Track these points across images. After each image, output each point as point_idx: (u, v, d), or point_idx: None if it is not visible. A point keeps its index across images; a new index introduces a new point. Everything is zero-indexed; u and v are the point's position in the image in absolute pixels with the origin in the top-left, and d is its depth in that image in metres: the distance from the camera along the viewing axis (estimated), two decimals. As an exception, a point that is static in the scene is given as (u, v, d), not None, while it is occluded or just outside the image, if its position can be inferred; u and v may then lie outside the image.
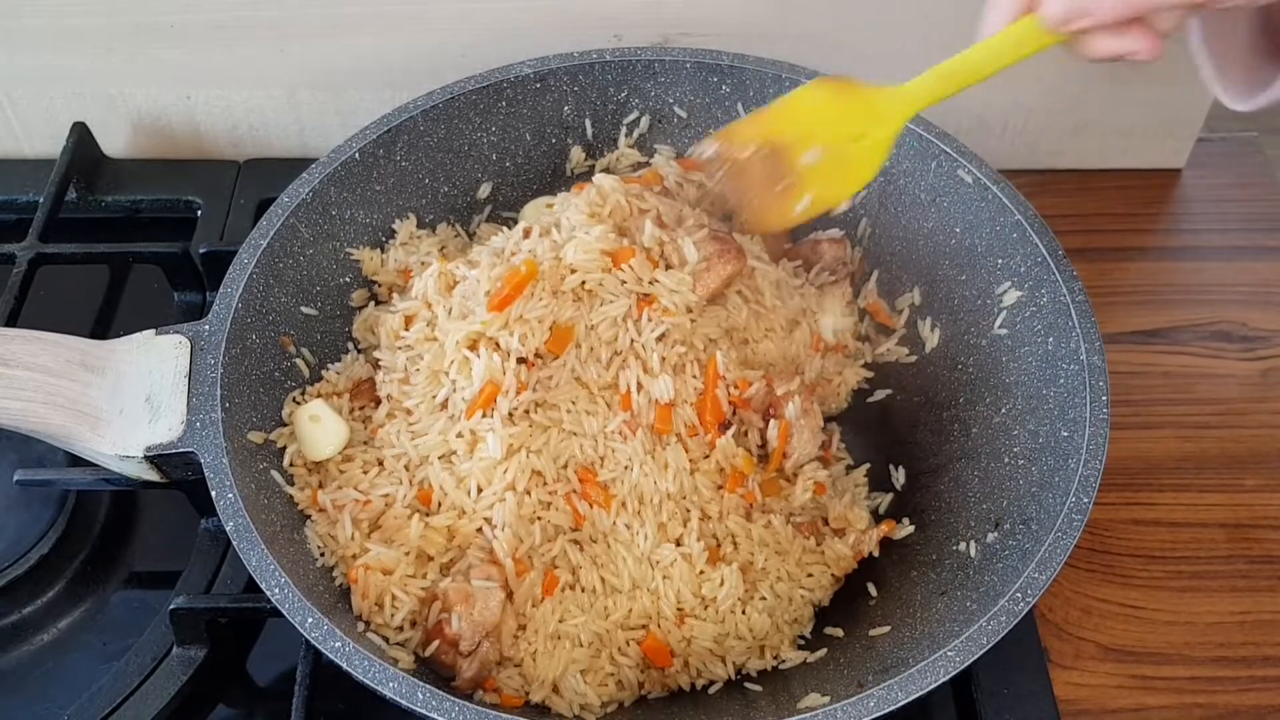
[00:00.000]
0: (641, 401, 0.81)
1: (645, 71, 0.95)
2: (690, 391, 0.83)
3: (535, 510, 0.79)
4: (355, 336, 0.90)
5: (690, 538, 0.80)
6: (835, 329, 0.93)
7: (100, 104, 1.12)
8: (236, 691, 0.85)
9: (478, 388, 0.79)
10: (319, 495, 0.81)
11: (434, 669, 0.76)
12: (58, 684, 0.85)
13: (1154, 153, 1.17)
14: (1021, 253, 0.86)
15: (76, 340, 0.79)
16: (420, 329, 0.84)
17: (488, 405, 0.79)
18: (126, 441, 0.76)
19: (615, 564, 0.80)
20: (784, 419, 0.85)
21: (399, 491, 0.80)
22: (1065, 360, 0.81)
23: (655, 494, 0.81)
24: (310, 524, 0.80)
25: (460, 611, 0.75)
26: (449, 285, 0.85)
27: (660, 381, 0.81)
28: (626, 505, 0.80)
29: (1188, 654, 0.87)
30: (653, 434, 0.82)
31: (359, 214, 0.91)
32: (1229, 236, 1.13)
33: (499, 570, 0.77)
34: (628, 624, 0.80)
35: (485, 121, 0.95)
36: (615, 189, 0.87)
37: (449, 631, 0.75)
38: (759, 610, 0.81)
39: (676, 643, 0.79)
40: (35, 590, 0.88)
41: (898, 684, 0.67)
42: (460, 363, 0.81)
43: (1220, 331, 1.05)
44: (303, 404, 0.85)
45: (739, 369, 0.85)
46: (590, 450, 0.81)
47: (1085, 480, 0.75)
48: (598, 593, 0.80)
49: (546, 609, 0.79)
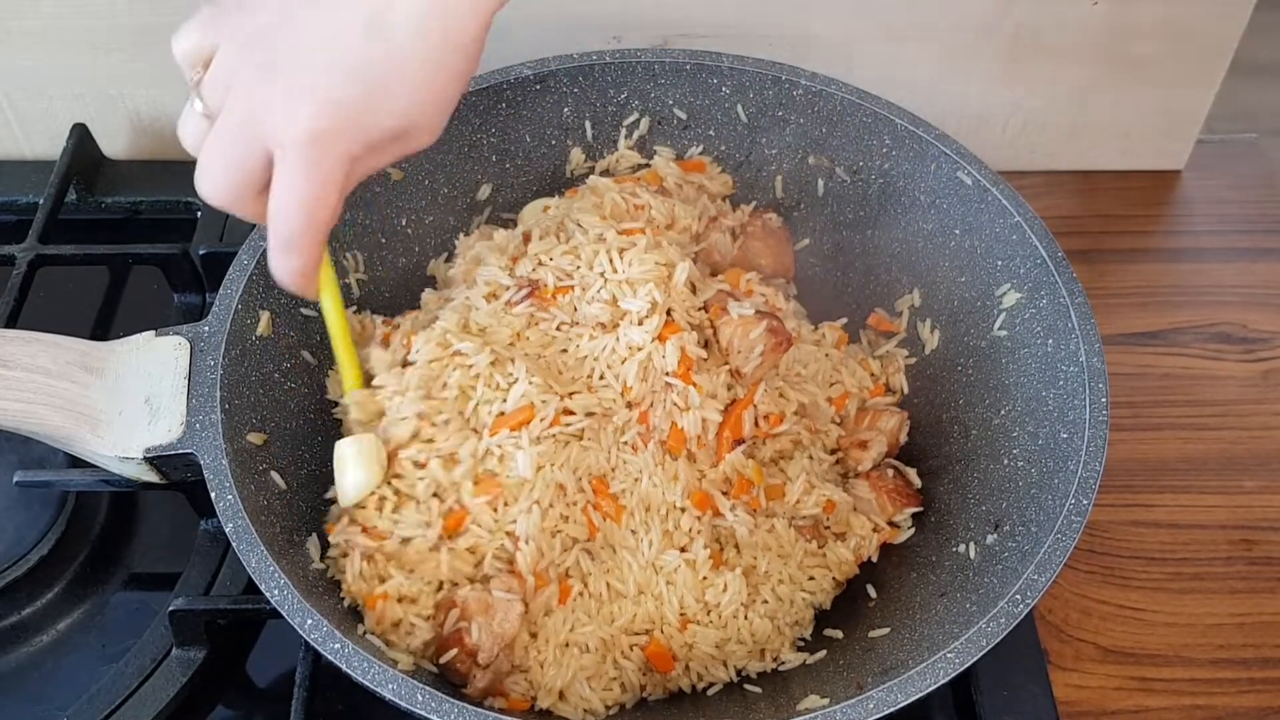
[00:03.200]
0: (659, 418, 0.81)
1: (645, 73, 0.95)
2: (716, 416, 0.82)
3: (556, 524, 0.79)
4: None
5: (696, 545, 0.80)
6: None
7: (100, 105, 1.12)
8: (236, 693, 0.85)
9: (513, 406, 0.78)
10: (333, 531, 0.79)
11: (444, 674, 0.76)
12: (57, 685, 0.84)
13: (1154, 154, 1.17)
14: (1021, 254, 0.86)
15: (76, 341, 0.79)
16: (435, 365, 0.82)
17: (519, 426, 0.78)
18: (126, 443, 0.76)
19: (621, 570, 0.80)
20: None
21: (424, 533, 0.77)
22: (1065, 362, 0.81)
23: (663, 504, 0.81)
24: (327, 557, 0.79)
25: (481, 622, 0.75)
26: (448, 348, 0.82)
27: (690, 415, 0.81)
28: (635, 514, 0.80)
29: (1187, 655, 0.87)
30: (663, 446, 0.82)
31: (359, 215, 0.91)
32: (1229, 238, 1.13)
33: (520, 582, 0.77)
34: (631, 629, 0.80)
35: (485, 123, 0.95)
36: (610, 188, 0.87)
37: (469, 641, 0.74)
38: (760, 614, 0.81)
39: (679, 648, 0.79)
40: (34, 592, 0.88)
41: (897, 686, 0.67)
42: (487, 377, 0.79)
43: (1220, 333, 1.05)
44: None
45: (774, 401, 0.85)
46: (603, 460, 0.80)
47: (1085, 482, 0.75)
48: (603, 599, 0.80)
49: (558, 618, 0.78)
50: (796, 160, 0.96)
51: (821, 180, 0.96)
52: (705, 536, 0.81)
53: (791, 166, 0.97)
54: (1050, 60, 1.10)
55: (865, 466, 0.88)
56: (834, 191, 0.96)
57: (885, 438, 0.89)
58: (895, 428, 0.89)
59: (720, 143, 0.98)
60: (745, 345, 0.83)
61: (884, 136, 0.92)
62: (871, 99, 0.92)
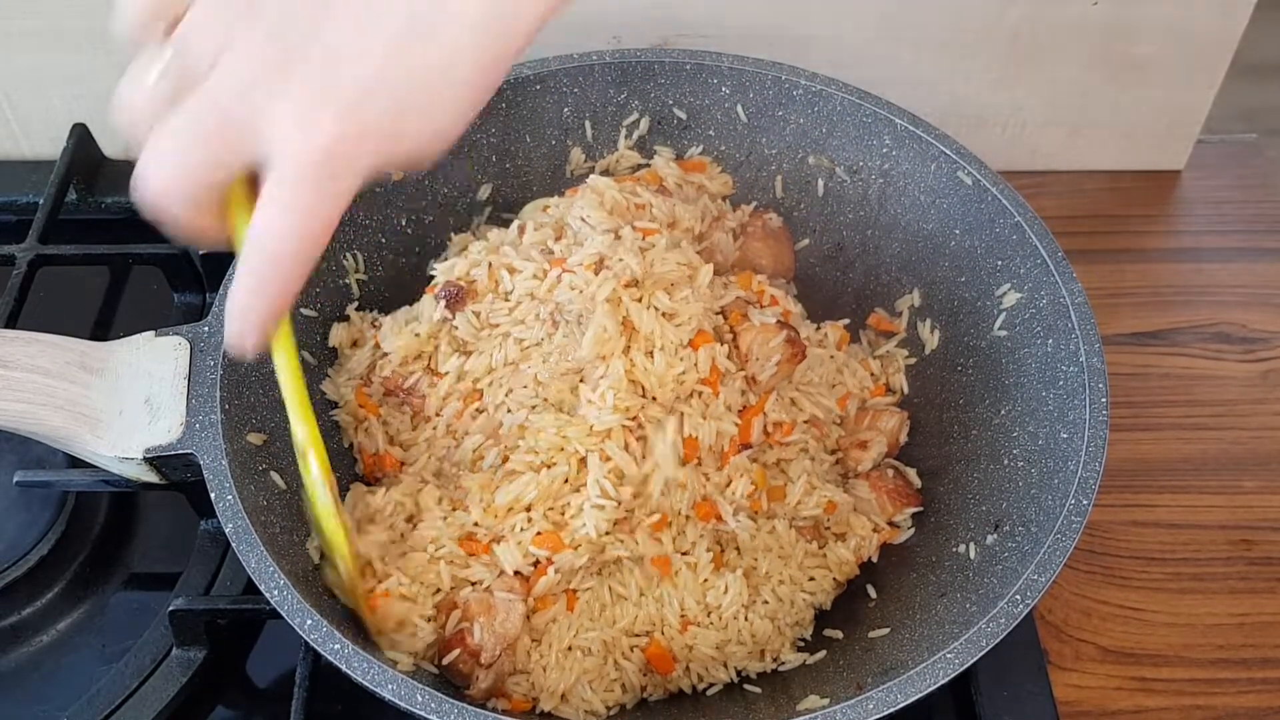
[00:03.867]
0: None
1: (645, 73, 0.95)
2: (733, 429, 0.82)
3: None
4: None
5: (699, 549, 0.80)
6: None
7: (100, 105, 1.11)
8: (236, 693, 0.85)
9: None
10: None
11: (446, 675, 0.76)
12: (56, 685, 0.84)
13: (1153, 154, 1.17)
14: (1021, 254, 0.86)
15: (76, 342, 0.79)
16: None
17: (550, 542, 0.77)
18: (126, 443, 0.76)
19: (623, 573, 0.80)
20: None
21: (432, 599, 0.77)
22: (1065, 362, 0.81)
23: (671, 514, 0.80)
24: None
25: (483, 623, 0.75)
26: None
27: (708, 426, 0.80)
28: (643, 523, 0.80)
29: (1187, 656, 0.87)
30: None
31: (359, 215, 0.91)
32: (1229, 238, 1.13)
33: (522, 583, 0.77)
34: (632, 630, 0.80)
35: (485, 123, 0.95)
36: (610, 186, 0.87)
37: (471, 642, 0.74)
38: (760, 615, 0.80)
39: (679, 649, 0.79)
40: (34, 592, 0.88)
41: (897, 686, 0.67)
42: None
43: (1220, 333, 1.05)
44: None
45: (785, 409, 0.85)
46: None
47: (1084, 482, 0.75)
48: (606, 603, 0.80)
49: (562, 624, 0.78)
50: (796, 160, 0.96)
51: (821, 180, 0.96)
52: (708, 540, 0.81)
53: (791, 166, 0.97)
54: (1050, 60, 1.10)
55: (865, 467, 0.88)
56: (834, 191, 0.96)
57: (885, 438, 0.89)
58: (895, 428, 0.89)
59: (720, 143, 0.97)
60: (764, 353, 0.83)
61: (884, 136, 0.92)
62: (871, 99, 0.92)
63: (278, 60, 0.53)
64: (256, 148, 0.54)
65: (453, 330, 0.82)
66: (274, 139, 0.53)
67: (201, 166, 0.54)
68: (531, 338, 0.80)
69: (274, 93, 0.53)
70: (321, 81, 0.53)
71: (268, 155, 0.54)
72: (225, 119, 0.53)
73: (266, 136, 0.53)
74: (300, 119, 0.53)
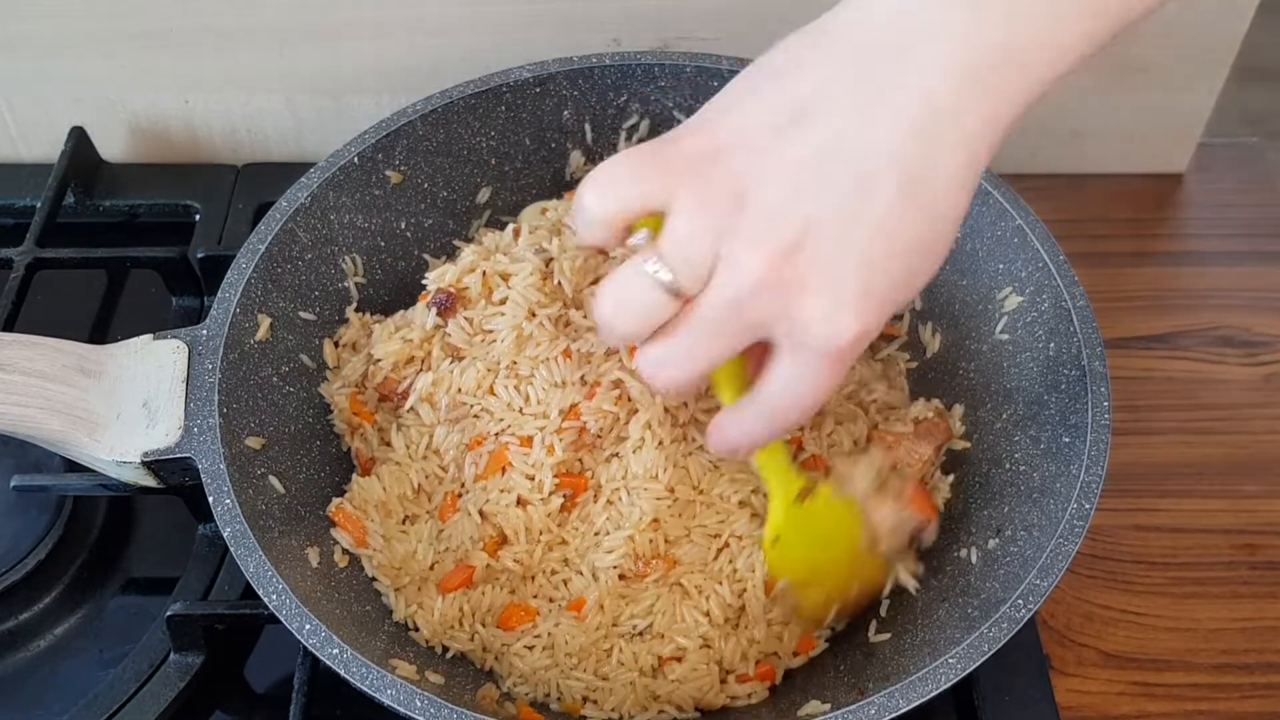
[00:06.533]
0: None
1: (645, 76, 0.95)
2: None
3: None
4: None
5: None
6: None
7: (98, 109, 1.12)
8: (234, 698, 0.85)
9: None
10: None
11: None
12: (54, 691, 0.84)
13: (1155, 158, 1.17)
14: (1023, 258, 0.86)
15: (73, 345, 0.79)
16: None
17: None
18: (123, 447, 0.76)
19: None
20: None
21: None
22: (1067, 366, 0.81)
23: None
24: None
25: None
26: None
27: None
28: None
29: (1190, 660, 0.87)
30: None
31: (357, 219, 0.91)
32: (1231, 242, 1.12)
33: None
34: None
35: (484, 126, 0.95)
36: None
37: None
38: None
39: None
40: (31, 596, 0.88)
41: (899, 691, 0.67)
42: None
43: (1223, 337, 1.05)
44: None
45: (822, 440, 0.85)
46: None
47: (1087, 486, 0.74)
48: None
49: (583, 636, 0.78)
50: (797, 163, 0.96)
51: (822, 183, 0.96)
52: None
53: (792, 169, 0.96)
54: (1051, 63, 1.09)
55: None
56: (835, 194, 0.96)
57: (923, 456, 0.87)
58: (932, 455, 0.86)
59: (720, 146, 0.97)
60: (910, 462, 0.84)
61: (885, 139, 0.92)
62: (872, 102, 0.92)
63: (784, 263, 0.55)
64: (766, 335, 0.58)
65: (445, 337, 0.82)
66: (793, 330, 0.56)
67: (712, 362, 0.59)
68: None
69: (788, 293, 0.55)
70: (839, 278, 0.55)
71: (781, 336, 0.57)
72: (741, 323, 0.57)
73: (784, 329, 0.57)
74: (827, 320, 0.55)
